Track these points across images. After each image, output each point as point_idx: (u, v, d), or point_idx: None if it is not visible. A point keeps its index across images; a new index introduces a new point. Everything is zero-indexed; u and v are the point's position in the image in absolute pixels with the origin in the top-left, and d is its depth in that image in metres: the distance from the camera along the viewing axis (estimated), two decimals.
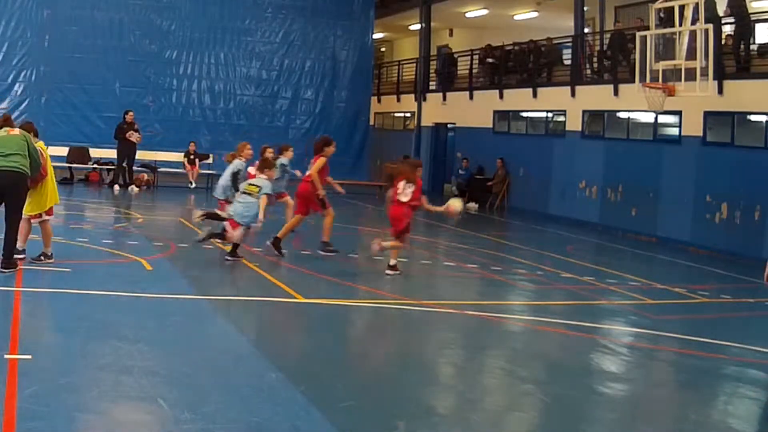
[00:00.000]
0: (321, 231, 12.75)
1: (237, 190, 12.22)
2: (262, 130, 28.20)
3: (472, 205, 23.63)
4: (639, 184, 18.96)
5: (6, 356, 6.14)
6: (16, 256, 9.63)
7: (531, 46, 23.82)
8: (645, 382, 7.38)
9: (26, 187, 9.36)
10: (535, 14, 26.64)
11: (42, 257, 9.93)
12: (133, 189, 21.38)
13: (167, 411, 5.43)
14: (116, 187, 21.42)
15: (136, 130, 21.73)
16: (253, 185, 11.44)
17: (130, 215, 16.76)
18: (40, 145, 9.98)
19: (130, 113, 22.07)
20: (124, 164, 21.65)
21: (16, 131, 9.44)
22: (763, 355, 8.67)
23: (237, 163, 13.30)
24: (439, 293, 11.26)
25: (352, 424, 5.55)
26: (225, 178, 13.28)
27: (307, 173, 12.67)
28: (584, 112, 21.30)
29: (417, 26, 30.66)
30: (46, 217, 10.01)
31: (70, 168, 22.57)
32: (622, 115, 20.12)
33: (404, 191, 11.08)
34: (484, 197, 24.11)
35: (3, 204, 9.22)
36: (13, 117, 10.81)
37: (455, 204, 11.69)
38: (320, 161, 12.51)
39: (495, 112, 25.11)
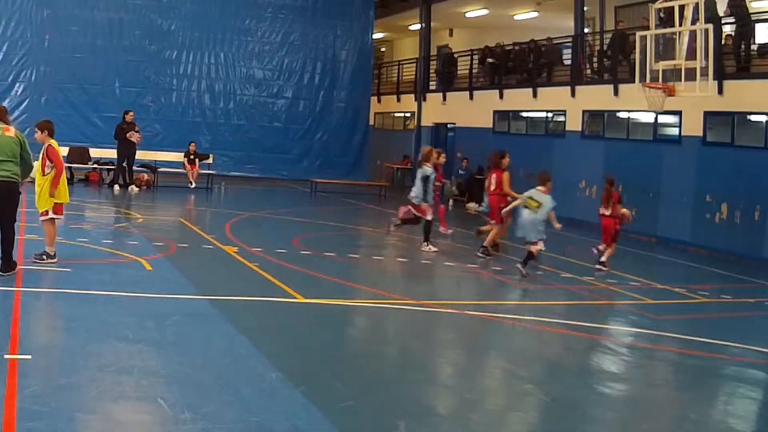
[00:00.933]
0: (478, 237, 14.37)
1: (427, 194, 13.86)
2: (262, 130, 28.28)
3: (473, 205, 23.62)
4: (639, 184, 18.94)
5: (6, 356, 6.14)
6: (49, 260, 9.85)
7: (531, 45, 23.79)
8: (645, 382, 7.38)
9: (18, 194, 9.24)
10: (535, 14, 26.65)
11: (44, 256, 9.94)
12: (133, 189, 21.38)
13: (167, 411, 5.43)
14: (116, 187, 21.41)
15: (137, 131, 21.73)
16: (534, 200, 12.28)
17: (130, 215, 16.76)
18: (53, 143, 10.06)
19: (130, 113, 22.06)
20: (124, 164, 21.65)
21: (12, 132, 9.24)
22: (763, 355, 8.68)
23: (425, 170, 14.01)
24: (439, 293, 11.26)
25: (352, 424, 5.55)
26: (417, 185, 14.05)
27: (493, 187, 14.07)
28: (584, 112, 21.29)
29: (417, 26, 30.67)
30: (53, 216, 10.03)
31: (70, 168, 22.49)
32: (622, 115, 20.11)
33: (607, 207, 13.47)
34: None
35: None
36: (13, 117, 10.85)
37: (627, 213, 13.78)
38: (507, 176, 14.04)
39: (495, 112, 25.10)
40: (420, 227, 14.17)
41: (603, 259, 13.14)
